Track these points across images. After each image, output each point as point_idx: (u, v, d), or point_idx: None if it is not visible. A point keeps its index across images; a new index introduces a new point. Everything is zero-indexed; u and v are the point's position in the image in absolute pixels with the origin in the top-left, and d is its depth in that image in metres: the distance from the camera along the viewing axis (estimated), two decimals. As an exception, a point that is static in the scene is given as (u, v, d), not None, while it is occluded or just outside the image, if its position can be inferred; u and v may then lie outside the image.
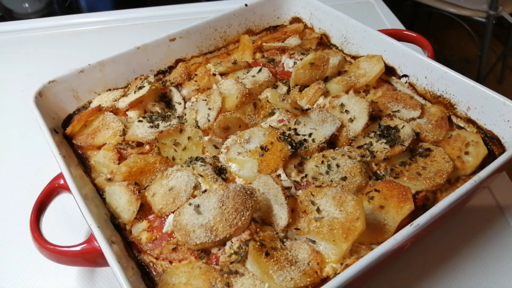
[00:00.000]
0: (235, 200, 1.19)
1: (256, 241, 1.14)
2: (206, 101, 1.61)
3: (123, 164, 1.39)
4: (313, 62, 1.69)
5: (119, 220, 1.29)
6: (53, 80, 1.59)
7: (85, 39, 2.43)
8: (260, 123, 1.58)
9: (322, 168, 1.36)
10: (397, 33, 1.86)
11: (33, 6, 3.48)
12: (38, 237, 1.18)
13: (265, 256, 1.11)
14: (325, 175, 1.34)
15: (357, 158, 1.38)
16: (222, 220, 1.17)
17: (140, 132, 1.50)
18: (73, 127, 1.54)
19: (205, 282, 1.11)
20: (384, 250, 1.06)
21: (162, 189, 1.32)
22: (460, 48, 5.28)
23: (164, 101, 1.69)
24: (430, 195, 1.33)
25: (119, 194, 1.32)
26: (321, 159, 1.38)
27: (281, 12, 2.10)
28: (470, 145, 1.45)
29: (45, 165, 1.70)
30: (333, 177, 1.33)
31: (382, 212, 1.24)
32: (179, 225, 1.20)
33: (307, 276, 1.09)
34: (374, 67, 1.72)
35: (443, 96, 1.63)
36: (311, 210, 1.23)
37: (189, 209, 1.22)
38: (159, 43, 1.79)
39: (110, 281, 1.37)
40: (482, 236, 1.46)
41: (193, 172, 1.35)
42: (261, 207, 1.26)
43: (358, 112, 1.52)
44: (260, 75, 1.71)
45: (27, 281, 1.38)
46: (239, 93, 1.59)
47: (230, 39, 2.00)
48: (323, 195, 1.24)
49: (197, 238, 1.15)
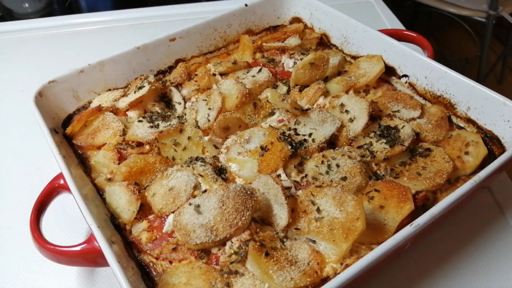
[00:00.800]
0: (235, 200, 1.19)
1: (256, 241, 1.14)
2: (206, 101, 1.61)
3: (123, 164, 1.39)
4: (313, 62, 1.69)
5: (119, 220, 1.29)
6: (53, 80, 1.59)
7: (85, 39, 2.43)
8: (260, 123, 1.58)
9: (322, 168, 1.36)
10: (397, 33, 1.86)
11: (33, 6, 3.47)
12: (38, 237, 1.18)
13: (265, 256, 1.11)
14: (325, 175, 1.34)
15: (357, 158, 1.38)
16: (222, 220, 1.17)
17: (140, 132, 1.50)
18: (73, 127, 1.54)
19: (205, 282, 1.11)
20: (384, 250, 1.06)
21: (162, 189, 1.32)
22: (460, 48, 5.28)
23: (164, 101, 1.69)
24: (430, 195, 1.33)
25: (119, 194, 1.32)
26: (321, 159, 1.38)
27: (281, 12, 2.10)
28: (470, 145, 1.45)
29: (45, 165, 1.70)
30: (333, 177, 1.33)
31: (382, 212, 1.24)
32: (179, 225, 1.20)
33: (307, 276, 1.09)
34: (374, 67, 1.72)
35: (443, 96, 1.63)
36: (311, 210, 1.23)
37: (189, 209, 1.22)
38: (159, 43, 1.79)
39: (110, 281, 1.36)
40: (482, 236, 1.46)
41: (193, 172, 1.35)
42: (261, 207, 1.26)
43: (358, 112, 1.52)
44: (260, 75, 1.72)
45: (27, 281, 1.38)
46: (239, 93, 1.59)
47: (230, 39, 2.00)
48: (323, 195, 1.24)
49: (197, 238, 1.15)
